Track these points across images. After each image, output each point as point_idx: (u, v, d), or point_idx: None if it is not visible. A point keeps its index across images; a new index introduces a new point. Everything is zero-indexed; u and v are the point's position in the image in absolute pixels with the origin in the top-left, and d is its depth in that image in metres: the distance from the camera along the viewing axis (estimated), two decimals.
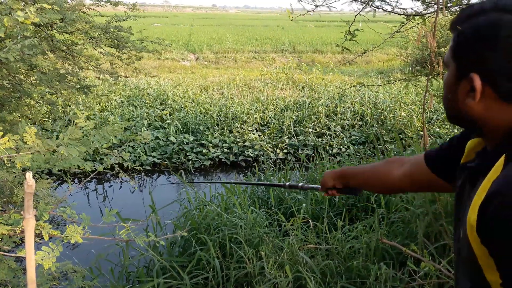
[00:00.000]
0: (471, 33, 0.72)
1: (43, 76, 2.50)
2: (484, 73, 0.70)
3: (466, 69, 0.73)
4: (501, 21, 0.68)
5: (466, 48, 0.73)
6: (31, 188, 0.73)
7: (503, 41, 0.67)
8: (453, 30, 0.78)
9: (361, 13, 3.44)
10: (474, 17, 0.73)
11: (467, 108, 0.75)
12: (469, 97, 0.73)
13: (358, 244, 2.99)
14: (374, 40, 12.33)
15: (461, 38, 0.75)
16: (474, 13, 0.73)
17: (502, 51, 0.68)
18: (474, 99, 0.72)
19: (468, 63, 0.73)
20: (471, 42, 0.72)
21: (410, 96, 8.54)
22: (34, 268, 0.68)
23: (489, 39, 0.69)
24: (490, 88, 0.71)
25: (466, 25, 0.74)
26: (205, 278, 2.83)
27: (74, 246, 3.76)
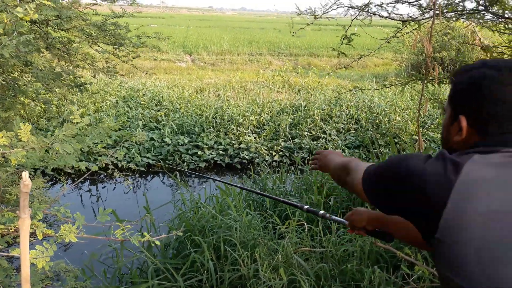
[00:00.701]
0: (462, 84, 0.90)
1: (39, 72, 2.48)
2: (469, 116, 0.88)
3: (457, 113, 0.91)
4: (485, 75, 0.85)
5: (458, 96, 0.91)
6: (27, 188, 0.72)
7: (484, 91, 0.84)
8: (450, 82, 0.96)
9: (357, 18, 3.46)
10: (466, 72, 0.91)
11: (454, 144, 0.92)
12: (457, 135, 0.91)
13: (352, 247, 2.99)
14: (370, 44, 12.41)
15: (455, 88, 0.93)
16: (467, 69, 0.91)
17: (483, 100, 0.84)
18: (460, 136, 0.90)
19: (459, 108, 0.91)
20: (461, 92, 0.90)
21: (405, 101, 8.58)
22: (29, 267, 0.67)
23: (474, 89, 0.86)
24: (472, 128, 0.88)
25: (459, 78, 0.92)
26: (199, 280, 2.82)
27: (66, 246, 3.73)
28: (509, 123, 0.83)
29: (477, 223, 0.73)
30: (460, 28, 10.01)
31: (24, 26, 2.20)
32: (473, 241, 0.73)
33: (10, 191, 1.49)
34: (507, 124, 0.83)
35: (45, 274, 1.70)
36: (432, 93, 5.63)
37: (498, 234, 0.72)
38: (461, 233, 0.74)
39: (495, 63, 0.86)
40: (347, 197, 4.02)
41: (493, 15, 2.82)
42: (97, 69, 3.37)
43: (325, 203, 3.80)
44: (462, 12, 2.87)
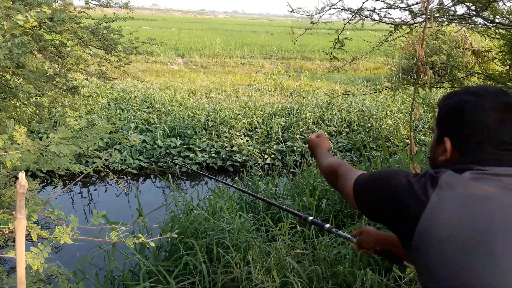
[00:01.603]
0: (446, 109, 0.99)
1: (30, 74, 2.47)
2: (453, 138, 0.95)
3: (443, 134, 0.98)
4: (466, 100, 0.93)
5: (443, 120, 0.99)
6: (24, 188, 0.72)
7: (466, 115, 0.92)
8: (438, 106, 1.03)
9: (350, 22, 3.48)
10: (450, 98, 0.99)
11: (439, 163, 0.99)
12: (442, 156, 0.98)
13: (345, 250, 3.01)
14: (362, 48, 12.49)
15: (441, 112, 1.00)
16: (452, 95, 1.00)
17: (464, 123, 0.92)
18: (446, 156, 0.96)
19: (444, 131, 0.98)
20: (446, 116, 0.98)
21: (396, 105, 8.65)
22: (24, 268, 0.68)
23: (457, 113, 0.94)
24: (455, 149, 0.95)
25: (445, 103, 1.00)
26: (191, 282, 2.81)
27: (57, 249, 3.70)
28: (487, 144, 0.90)
29: (445, 232, 0.80)
30: (451, 32, 10.14)
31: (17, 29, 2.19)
32: (442, 249, 0.80)
33: (4, 193, 1.49)
34: (486, 146, 0.90)
35: (38, 276, 1.69)
36: (424, 98, 5.69)
37: (462, 243, 0.78)
38: (432, 240, 0.81)
39: (477, 90, 0.95)
40: (339, 200, 4.04)
41: (484, 20, 2.87)
42: (90, 73, 3.36)
43: (317, 206, 3.82)
44: (453, 16, 2.91)
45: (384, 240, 1.33)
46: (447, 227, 0.80)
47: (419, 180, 0.89)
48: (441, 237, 0.80)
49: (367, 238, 1.37)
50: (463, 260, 0.78)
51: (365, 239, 1.37)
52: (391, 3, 3.06)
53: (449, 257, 0.79)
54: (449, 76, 6.04)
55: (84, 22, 3.04)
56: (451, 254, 0.79)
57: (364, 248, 1.38)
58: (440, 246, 0.80)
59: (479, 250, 0.77)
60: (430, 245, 0.81)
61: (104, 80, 3.47)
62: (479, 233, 0.78)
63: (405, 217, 0.86)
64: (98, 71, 3.44)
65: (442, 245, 0.80)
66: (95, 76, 3.41)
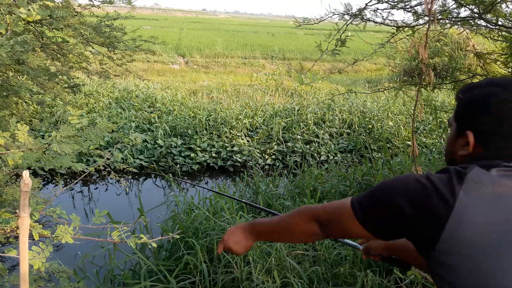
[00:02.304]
0: (469, 101, 0.93)
1: (30, 71, 2.46)
2: (477, 132, 0.90)
3: (464, 128, 0.93)
4: (492, 92, 0.89)
5: (465, 113, 0.94)
6: (28, 187, 0.72)
7: (492, 108, 0.88)
8: (457, 98, 0.99)
9: (352, 23, 3.48)
10: (472, 89, 0.94)
11: (459, 158, 0.95)
12: (463, 150, 0.93)
13: (345, 251, 3.00)
14: (363, 49, 12.49)
15: (462, 105, 0.96)
16: (473, 86, 0.95)
17: (491, 116, 0.88)
18: (467, 151, 0.92)
19: (465, 124, 0.93)
20: (469, 108, 0.93)
21: (398, 106, 8.65)
22: (27, 266, 0.67)
23: (482, 106, 0.90)
24: (479, 144, 0.90)
25: (466, 95, 0.95)
26: (192, 282, 2.81)
27: (58, 247, 3.70)
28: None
29: (474, 233, 0.76)
30: (453, 34, 10.13)
31: (19, 26, 2.18)
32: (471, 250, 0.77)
33: (5, 191, 1.48)
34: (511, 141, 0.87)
35: (39, 274, 1.69)
36: (426, 99, 5.69)
37: (492, 244, 0.76)
38: (461, 242, 0.77)
39: (501, 81, 0.91)
40: None
41: (487, 23, 2.87)
42: (92, 71, 3.36)
43: None
44: (456, 18, 2.91)
45: (393, 246, 1.30)
46: (476, 227, 0.77)
47: (440, 178, 0.83)
48: (470, 238, 0.77)
49: (374, 245, 1.34)
50: (493, 261, 0.76)
51: (372, 246, 1.34)
52: (394, 3, 3.06)
53: (479, 259, 0.76)
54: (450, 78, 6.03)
55: (87, 20, 3.04)
56: (481, 255, 0.76)
57: (371, 255, 1.35)
58: (469, 248, 0.77)
59: (509, 250, 0.75)
60: (459, 247, 0.78)
61: (106, 79, 3.47)
62: (510, 233, 0.76)
63: (428, 221, 0.81)
64: (100, 69, 3.44)
65: (472, 247, 0.77)
66: (97, 74, 3.41)
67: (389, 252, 1.32)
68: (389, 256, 1.32)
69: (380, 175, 4.13)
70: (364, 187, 4.18)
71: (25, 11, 1.15)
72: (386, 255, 1.33)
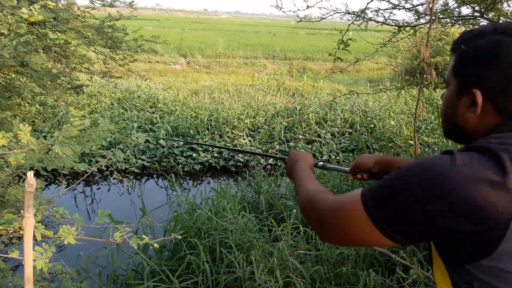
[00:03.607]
0: (473, 53, 0.79)
1: (33, 73, 2.47)
2: (485, 89, 0.77)
3: (468, 85, 0.80)
4: (501, 42, 0.76)
5: (468, 67, 0.80)
6: (32, 187, 0.72)
7: (502, 60, 0.75)
8: (454, 51, 0.85)
9: (354, 23, 3.48)
10: (475, 39, 0.80)
11: (465, 122, 0.81)
12: (469, 111, 0.80)
13: (348, 250, 3.00)
14: (365, 48, 12.50)
15: (464, 57, 0.81)
16: (475, 35, 0.81)
17: (501, 70, 0.75)
18: (474, 113, 0.79)
19: (469, 80, 0.80)
20: (473, 61, 0.79)
21: (400, 105, 8.64)
22: (32, 267, 0.68)
23: (490, 58, 0.76)
24: (489, 102, 0.77)
25: (469, 46, 0.81)
26: (194, 282, 2.81)
27: (61, 248, 3.71)
28: None
29: None
30: (455, 33, 10.11)
31: (22, 28, 2.19)
32: None
33: (8, 192, 1.49)
34: None
35: (42, 275, 1.69)
36: (428, 98, 5.68)
37: None
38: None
39: (510, 27, 0.77)
40: None
41: (488, 21, 2.86)
42: (94, 72, 3.37)
43: None
44: (458, 17, 2.91)
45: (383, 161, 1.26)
46: None
47: (479, 160, 0.67)
48: None
49: (364, 160, 1.28)
50: None
51: (361, 162, 1.28)
52: (396, 3, 3.06)
53: None
54: None
55: (89, 21, 3.04)
56: None
57: (359, 174, 1.29)
58: None
59: None
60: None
61: (109, 79, 3.48)
62: None
63: (482, 222, 0.64)
64: (103, 70, 3.45)
65: None
66: (99, 75, 3.42)
67: (380, 167, 1.27)
68: (378, 172, 1.27)
69: None
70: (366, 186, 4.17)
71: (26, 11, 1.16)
72: (375, 171, 1.28)
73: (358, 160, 1.30)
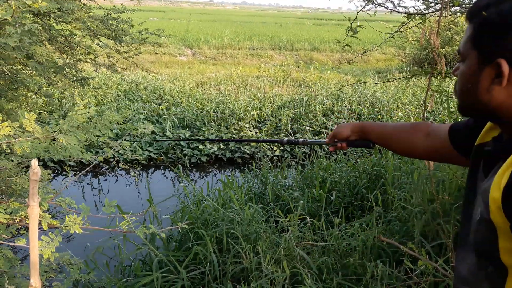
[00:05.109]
0: (496, 19, 0.72)
1: (38, 66, 2.46)
2: (511, 58, 0.70)
3: (491, 55, 0.73)
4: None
5: (491, 35, 0.73)
6: (37, 175, 0.71)
7: None
8: (471, 19, 0.78)
9: (362, 10, 3.42)
10: (497, 4, 0.73)
11: (490, 96, 0.75)
12: (494, 84, 0.73)
13: (355, 241, 2.99)
14: (373, 39, 12.38)
15: (485, 25, 0.74)
16: (494, 1, 0.73)
17: None
18: (500, 84, 0.72)
19: (493, 49, 0.73)
20: (496, 29, 0.72)
21: (408, 96, 8.56)
22: (37, 254, 0.67)
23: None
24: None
25: (489, 12, 0.73)
26: (201, 272, 2.82)
27: (68, 238, 3.74)
28: None
29: None
30: (464, 23, 9.98)
31: (27, 18, 2.17)
32: None
33: (15, 181, 1.49)
34: None
35: (49, 265, 1.70)
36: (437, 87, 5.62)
37: None
38: None
39: None
40: (349, 192, 4.01)
41: None
42: (99, 64, 3.36)
43: (327, 198, 3.79)
44: (468, 6, 2.85)
45: (359, 126, 1.29)
46: None
47: None
48: None
49: (341, 129, 1.31)
50: None
51: (339, 131, 1.31)
52: None
53: None
54: None
55: (94, 13, 3.03)
56: None
57: (338, 143, 1.32)
58: None
59: None
60: None
61: (114, 71, 3.47)
62: None
63: None
64: (108, 62, 3.44)
65: None
66: (104, 67, 3.41)
67: (356, 134, 1.30)
68: (355, 140, 1.30)
69: (390, 166, 4.09)
70: (374, 178, 4.15)
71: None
72: (354, 137, 1.30)
73: (335, 130, 1.32)
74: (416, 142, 1.16)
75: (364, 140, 1.29)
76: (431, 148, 1.13)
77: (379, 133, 1.25)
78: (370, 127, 1.27)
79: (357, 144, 1.31)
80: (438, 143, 1.10)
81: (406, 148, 1.21)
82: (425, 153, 1.17)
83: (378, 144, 1.28)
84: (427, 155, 1.19)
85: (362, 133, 1.29)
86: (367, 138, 1.28)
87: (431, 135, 1.14)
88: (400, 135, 1.21)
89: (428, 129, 1.15)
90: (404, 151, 1.24)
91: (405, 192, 3.50)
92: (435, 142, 1.11)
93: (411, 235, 2.99)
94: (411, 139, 1.18)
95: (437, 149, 1.11)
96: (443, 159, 1.18)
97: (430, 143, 1.13)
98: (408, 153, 1.24)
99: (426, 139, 1.14)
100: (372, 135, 1.27)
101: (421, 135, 1.16)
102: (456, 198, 2.93)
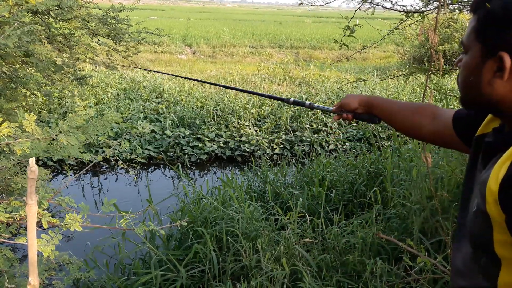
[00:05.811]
0: (500, 11, 0.72)
1: (39, 63, 2.47)
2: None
3: (494, 48, 0.73)
4: None
5: (494, 27, 0.73)
6: (34, 174, 0.72)
7: None
8: (475, 11, 0.78)
9: (360, 9, 3.42)
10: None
11: (491, 89, 0.75)
12: (496, 77, 0.74)
13: (354, 239, 3.00)
14: (372, 36, 12.37)
15: (489, 17, 0.74)
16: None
17: None
18: (502, 78, 0.72)
19: (496, 42, 0.73)
20: (501, 22, 0.72)
21: (407, 94, 8.56)
22: (36, 252, 0.67)
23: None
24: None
25: (494, 4, 0.73)
26: (201, 270, 2.83)
27: (68, 237, 3.75)
28: None
29: None
30: (463, 20, 9.97)
31: (26, 16, 2.18)
32: None
33: (14, 181, 1.50)
34: None
35: (49, 264, 1.71)
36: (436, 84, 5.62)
37: None
38: None
39: None
40: (348, 190, 4.02)
41: None
42: (98, 62, 3.36)
43: (326, 195, 3.80)
44: (466, 3, 2.85)
45: (368, 100, 1.29)
46: None
47: None
48: None
49: (349, 100, 1.31)
50: None
51: (347, 101, 1.31)
52: None
53: None
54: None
55: (92, 11, 3.03)
56: None
57: (344, 113, 1.33)
58: None
59: None
60: None
61: (113, 69, 3.48)
62: None
63: None
64: (107, 60, 3.44)
65: None
66: (103, 65, 3.41)
67: (364, 108, 1.30)
68: (362, 113, 1.31)
69: (390, 164, 4.10)
70: (373, 175, 4.15)
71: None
72: (360, 111, 1.31)
73: (343, 100, 1.32)
74: (422, 123, 1.17)
75: (370, 114, 1.30)
76: (435, 132, 1.14)
77: (386, 109, 1.26)
78: (378, 102, 1.28)
79: (362, 117, 1.31)
80: (442, 128, 1.11)
81: (410, 128, 1.21)
82: (429, 135, 1.17)
83: (384, 120, 1.29)
84: (431, 138, 1.19)
85: (369, 107, 1.29)
86: (373, 112, 1.29)
87: (436, 118, 1.14)
88: (407, 114, 1.21)
89: (435, 112, 1.16)
90: (408, 131, 1.24)
91: (404, 189, 3.51)
92: (439, 126, 1.12)
93: (410, 232, 3.00)
94: (417, 119, 1.18)
95: (441, 134, 1.12)
96: (446, 144, 1.17)
97: (435, 126, 1.14)
98: (412, 133, 1.24)
99: (432, 122, 1.15)
100: (379, 111, 1.28)
101: (427, 117, 1.16)
102: (454, 195, 2.94)
